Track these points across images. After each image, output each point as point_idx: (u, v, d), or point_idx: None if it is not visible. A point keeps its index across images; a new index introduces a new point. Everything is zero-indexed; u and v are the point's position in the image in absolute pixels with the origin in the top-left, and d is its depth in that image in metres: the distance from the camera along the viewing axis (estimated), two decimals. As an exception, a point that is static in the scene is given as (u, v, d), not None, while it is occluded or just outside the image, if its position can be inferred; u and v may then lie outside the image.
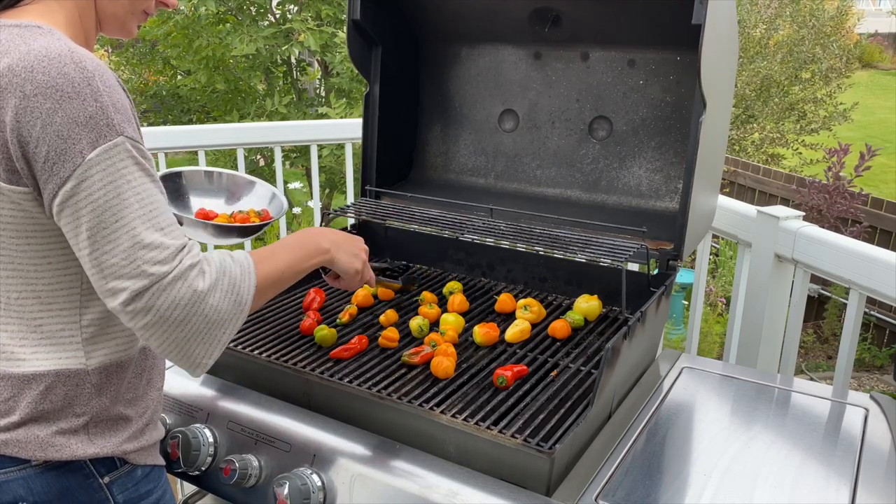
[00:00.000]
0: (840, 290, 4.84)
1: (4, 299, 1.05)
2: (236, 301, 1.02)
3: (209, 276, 0.99)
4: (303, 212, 6.05)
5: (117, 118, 0.96)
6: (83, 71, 0.94)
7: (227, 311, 1.01)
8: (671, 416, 1.42)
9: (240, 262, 1.05)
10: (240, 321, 1.04)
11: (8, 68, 0.94)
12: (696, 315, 2.32)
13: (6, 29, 0.99)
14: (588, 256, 1.63)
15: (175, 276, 0.96)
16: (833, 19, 7.72)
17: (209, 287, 0.98)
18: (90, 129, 0.94)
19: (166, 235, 0.97)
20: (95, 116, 0.94)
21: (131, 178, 0.96)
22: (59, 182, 0.94)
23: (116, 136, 0.95)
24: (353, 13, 1.90)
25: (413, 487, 1.19)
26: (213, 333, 1.00)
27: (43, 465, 1.06)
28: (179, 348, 0.99)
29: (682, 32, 1.47)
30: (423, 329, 1.58)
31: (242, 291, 1.03)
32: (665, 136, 1.85)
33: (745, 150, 7.57)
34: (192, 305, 0.97)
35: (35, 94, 0.93)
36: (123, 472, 1.13)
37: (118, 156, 0.95)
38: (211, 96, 5.99)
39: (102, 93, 0.95)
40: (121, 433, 1.12)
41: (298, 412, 1.38)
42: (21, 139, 0.94)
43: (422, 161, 2.20)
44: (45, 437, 1.06)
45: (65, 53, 0.95)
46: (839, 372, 1.87)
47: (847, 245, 1.80)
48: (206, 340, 1.00)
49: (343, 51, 5.24)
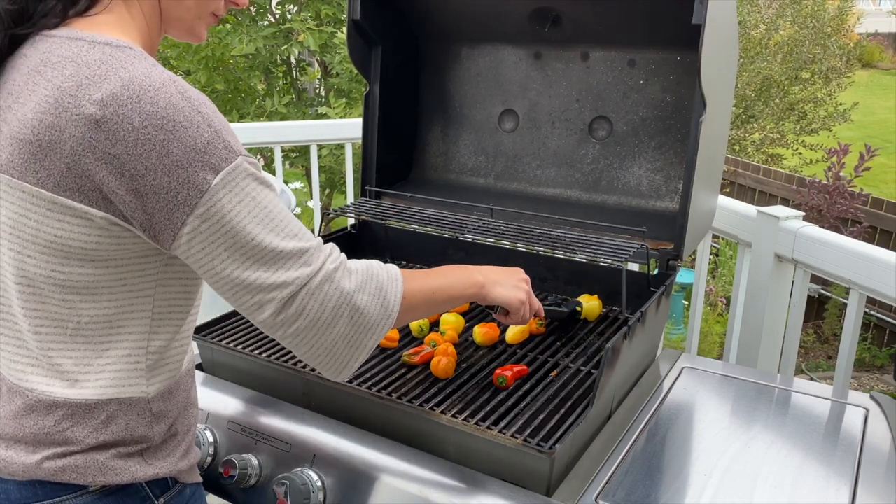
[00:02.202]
0: (840, 290, 4.84)
1: (74, 324, 1.00)
2: (383, 305, 1.02)
3: (356, 277, 0.99)
4: (303, 212, 6.05)
5: (231, 140, 0.95)
6: (190, 100, 0.92)
7: (374, 315, 1.01)
8: (671, 416, 1.42)
9: (387, 269, 1.05)
10: (387, 328, 1.03)
11: (112, 97, 0.89)
12: (696, 315, 2.32)
13: (97, 47, 0.93)
14: (588, 256, 1.63)
15: (323, 278, 0.96)
16: (833, 19, 7.72)
17: (356, 288, 0.99)
18: (210, 154, 0.92)
19: (301, 240, 0.97)
20: (213, 142, 0.92)
21: (256, 194, 0.95)
22: (188, 210, 0.92)
23: (235, 157, 0.94)
24: (353, 13, 1.90)
25: (413, 487, 1.19)
26: (360, 337, 1.00)
27: (100, 490, 1.03)
28: (327, 352, 0.99)
29: (682, 32, 1.47)
30: (423, 329, 1.58)
31: (389, 297, 1.03)
32: (665, 136, 1.85)
33: (745, 150, 7.57)
34: (341, 307, 0.97)
35: (145, 126, 0.89)
36: (175, 492, 1.10)
37: (240, 176, 0.94)
38: (211, 96, 5.98)
39: (212, 118, 0.93)
40: (174, 453, 1.10)
41: (298, 412, 1.38)
42: (132, 171, 0.90)
43: (422, 161, 2.20)
44: (104, 461, 1.03)
45: (168, 83, 0.92)
46: (839, 372, 1.87)
47: (847, 245, 1.80)
48: (352, 344, 1.00)
49: (343, 51, 5.24)
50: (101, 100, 0.89)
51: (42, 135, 0.91)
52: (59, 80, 0.91)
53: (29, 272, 0.98)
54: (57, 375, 1.01)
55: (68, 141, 0.90)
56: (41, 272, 0.97)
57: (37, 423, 1.01)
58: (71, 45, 0.94)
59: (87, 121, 0.89)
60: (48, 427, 1.01)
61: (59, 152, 0.90)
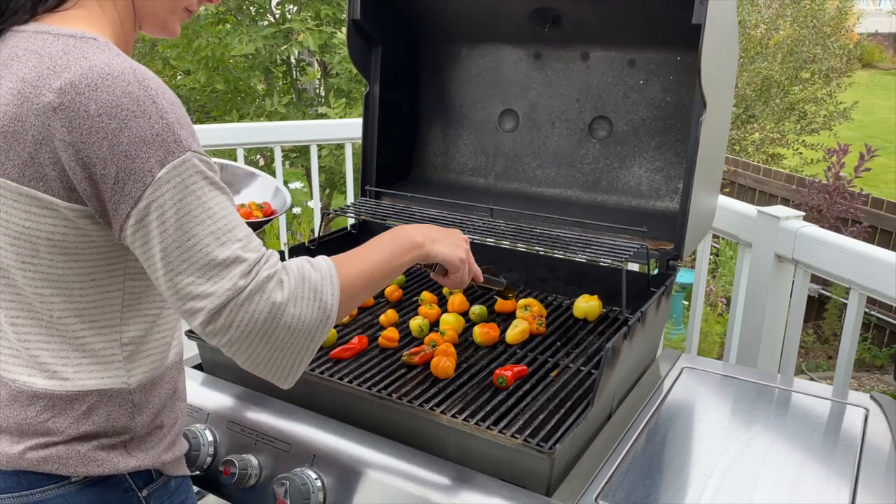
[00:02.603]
0: (840, 290, 4.84)
1: (47, 317, 1.02)
2: (321, 307, 0.99)
3: (287, 286, 0.96)
4: (303, 212, 6.05)
5: (183, 134, 0.94)
6: (147, 89, 0.92)
7: (312, 320, 0.98)
8: (671, 416, 1.42)
9: (319, 267, 1.02)
10: (328, 328, 1.01)
11: (70, 85, 0.90)
12: (696, 315, 2.32)
13: (60, 39, 0.94)
14: (588, 256, 1.63)
15: (252, 290, 0.93)
16: (833, 19, 7.72)
17: (288, 297, 0.96)
18: (157, 146, 0.91)
19: (242, 249, 0.94)
20: (162, 134, 0.91)
21: (201, 193, 0.94)
22: (132, 202, 0.91)
23: (184, 151, 0.93)
24: (353, 13, 1.90)
25: (413, 487, 1.19)
26: (300, 343, 0.98)
27: (83, 480, 1.04)
28: (266, 362, 0.97)
29: (682, 32, 1.47)
30: (423, 329, 1.58)
31: (326, 297, 1.00)
32: (665, 136, 1.85)
33: (745, 150, 7.57)
34: (273, 319, 0.94)
35: (100, 114, 0.89)
36: (160, 485, 1.11)
37: (187, 172, 0.93)
38: (210, 96, 5.99)
39: (167, 110, 0.92)
40: (157, 445, 1.11)
41: (298, 412, 1.38)
42: (87, 160, 0.91)
43: (422, 161, 2.20)
44: (86, 452, 1.04)
45: (128, 71, 0.92)
46: (839, 372, 1.87)
47: (847, 245, 1.80)
48: (293, 350, 0.98)
49: (343, 51, 5.24)
50: (59, 88, 0.90)
51: (6, 126, 0.92)
52: (23, 72, 0.92)
53: (3, 263, 0.99)
54: (36, 367, 1.02)
55: (30, 130, 0.91)
56: (13, 263, 0.98)
57: (20, 414, 1.03)
58: (36, 39, 0.95)
59: (45, 109, 0.90)
60: (30, 417, 1.02)
61: (22, 142, 0.92)
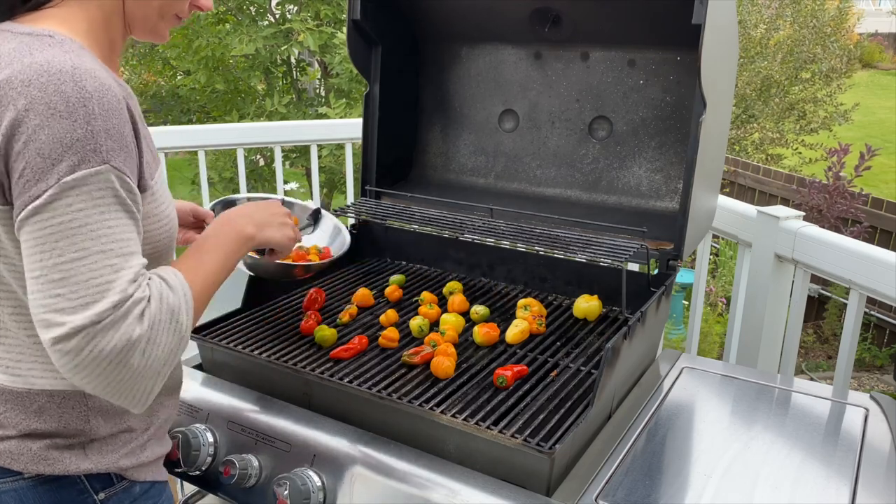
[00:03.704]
0: (840, 290, 4.84)
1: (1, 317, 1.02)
2: (177, 331, 0.96)
3: (147, 319, 0.92)
4: (303, 212, 6.04)
5: (107, 145, 0.91)
6: (82, 90, 0.89)
7: (166, 345, 0.95)
8: (671, 416, 1.42)
9: (176, 288, 0.99)
10: (182, 349, 0.98)
11: (6, 80, 0.90)
12: (696, 315, 2.32)
13: (17, 37, 0.94)
14: (588, 256, 1.63)
15: (109, 324, 0.89)
16: (833, 19, 7.72)
17: (149, 325, 0.92)
18: (74, 151, 0.88)
19: (126, 278, 0.91)
20: (83, 140, 0.89)
21: (105, 209, 0.91)
22: (30, 199, 0.89)
23: (101, 164, 0.90)
24: (353, 13, 1.90)
25: (413, 487, 1.19)
26: (154, 369, 0.94)
27: (35, 478, 1.04)
28: (115, 390, 0.93)
29: (682, 32, 1.47)
30: (423, 329, 1.58)
31: (182, 319, 0.97)
32: (665, 136, 1.85)
33: (745, 150, 7.57)
34: (125, 353, 0.90)
35: (27, 109, 0.88)
36: (120, 489, 1.09)
37: (97, 184, 0.90)
38: (211, 96, 5.99)
39: (97, 116, 0.90)
40: (120, 449, 1.09)
41: (298, 412, 1.38)
42: (6, 154, 0.90)
43: (422, 161, 2.20)
44: (38, 450, 1.03)
45: (66, 69, 0.90)
46: (839, 372, 1.87)
47: (847, 245, 1.80)
48: (145, 377, 0.94)
49: (343, 51, 5.24)
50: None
51: None
52: None
53: None
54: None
55: None
56: None
57: None
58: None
59: None
60: None
61: None
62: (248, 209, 1.23)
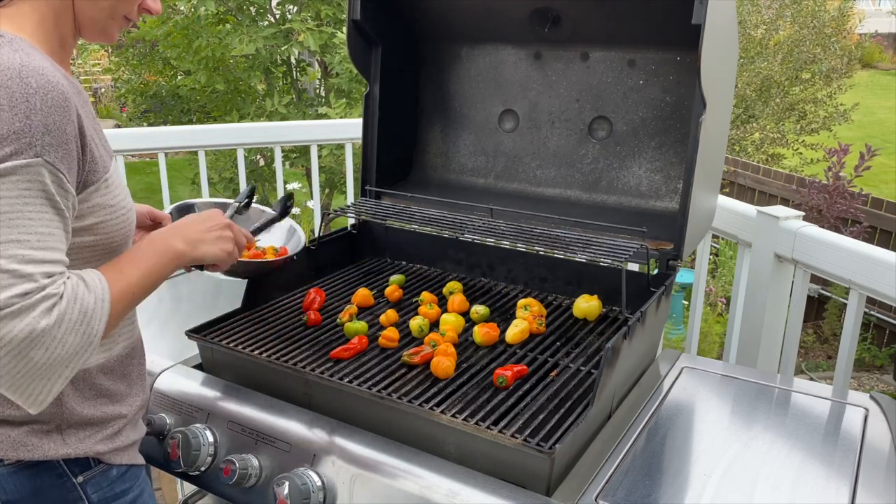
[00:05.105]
0: (840, 290, 4.84)
1: None
2: (85, 333, 0.95)
3: (56, 314, 0.92)
4: (303, 212, 6.05)
5: (43, 140, 0.93)
6: (26, 87, 0.92)
7: (72, 346, 0.94)
8: (671, 416, 1.42)
9: (94, 289, 0.98)
10: (87, 354, 0.98)
11: None
12: (696, 315, 2.32)
13: None
14: (588, 256, 1.63)
15: (15, 311, 0.89)
16: (834, 20, 7.72)
17: (54, 322, 0.92)
18: (9, 143, 0.91)
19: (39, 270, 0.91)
20: (19, 132, 0.91)
21: (30, 201, 0.92)
22: None
23: (33, 157, 0.92)
24: (353, 13, 1.90)
25: (413, 487, 1.19)
26: (55, 369, 0.94)
27: (15, 464, 1.07)
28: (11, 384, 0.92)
29: (682, 32, 1.47)
30: (423, 329, 1.58)
31: (94, 323, 0.97)
32: (665, 136, 1.85)
33: (745, 150, 7.57)
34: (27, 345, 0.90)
35: None
36: (98, 472, 1.13)
37: (25, 176, 0.92)
38: (211, 96, 5.99)
39: (38, 111, 0.92)
40: (96, 434, 1.12)
41: (298, 412, 1.38)
42: None
43: (422, 161, 2.20)
44: (17, 436, 1.06)
45: (14, 66, 0.93)
46: (839, 372, 1.87)
47: (847, 245, 1.80)
48: (45, 376, 0.94)
49: (343, 51, 5.23)
50: None
51: None
52: None
53: None
54: None
55: None
56: None
57: None
58: None
59: None
60: None
61: None
62: (182, 225, 1.22)
